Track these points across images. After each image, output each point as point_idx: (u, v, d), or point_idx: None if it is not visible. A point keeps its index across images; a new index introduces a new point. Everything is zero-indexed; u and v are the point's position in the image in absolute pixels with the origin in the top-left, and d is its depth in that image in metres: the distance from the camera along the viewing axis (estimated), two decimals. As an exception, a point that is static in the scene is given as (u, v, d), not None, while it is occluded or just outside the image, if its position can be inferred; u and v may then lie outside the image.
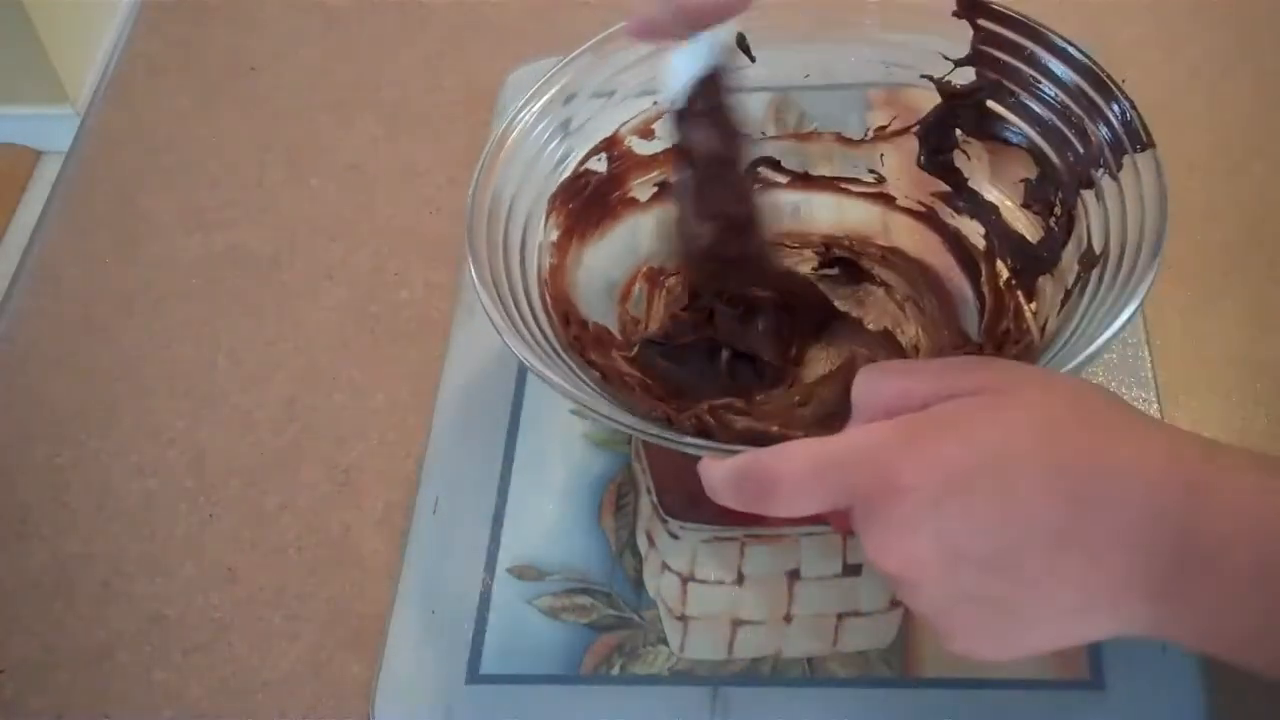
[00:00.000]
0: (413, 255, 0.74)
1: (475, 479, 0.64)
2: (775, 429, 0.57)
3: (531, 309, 0.58)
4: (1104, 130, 0.57)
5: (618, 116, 0.65)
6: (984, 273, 0.63)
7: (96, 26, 1.78)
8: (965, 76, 0.62)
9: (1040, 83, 0.60)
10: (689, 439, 0.51)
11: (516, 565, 0.61)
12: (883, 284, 0.66)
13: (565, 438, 0.64)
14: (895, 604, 0.58)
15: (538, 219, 0.62)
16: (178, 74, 0.86)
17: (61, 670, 0.61)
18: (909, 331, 0.63)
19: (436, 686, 0.58)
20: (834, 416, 0.57)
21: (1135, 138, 0.56)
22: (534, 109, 0.62)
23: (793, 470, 0.42)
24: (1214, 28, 0.79)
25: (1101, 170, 0.57)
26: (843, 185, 0.68)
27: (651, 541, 0.61)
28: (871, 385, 0.43)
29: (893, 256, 0.66)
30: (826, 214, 0.68)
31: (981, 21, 0.61)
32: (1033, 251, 0.61)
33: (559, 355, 0.57)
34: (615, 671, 0.57)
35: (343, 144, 0.81)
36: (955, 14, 0.61)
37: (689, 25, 0.51)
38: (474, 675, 0.58)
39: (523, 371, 0.67)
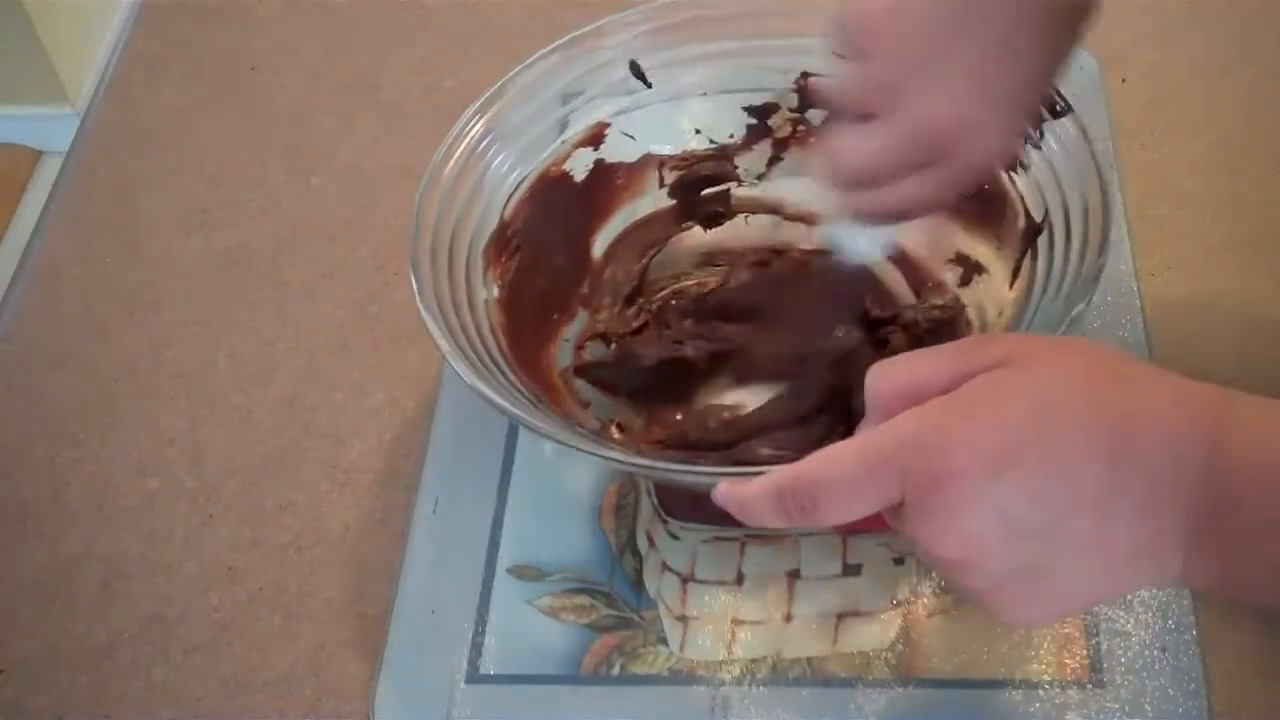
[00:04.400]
0: (413, 255, 0.74)
1: (475, 479, 0.64)
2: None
3: (498, 367, 0.58)
4: None
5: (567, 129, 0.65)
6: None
7: (96, 26, 1.78)
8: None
9: None
10: (638, 461, 0.52)
11: (516, 565, 0.61)
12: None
13: (565, 438, 0.64)
14: (895, 604, 0.58)
15: (478, 273, 0.61)
16: (178, 74, 0.86)
17: (61, 670, 0.61)
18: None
19: (436, 686, 0.58)
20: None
21: (1050, 105, 0.56)
22: (477, 125, 0.62)
23: (842, 473, 0.41)
24: (1214, 28, 0.79)
25: (1024, 143, 0.57)
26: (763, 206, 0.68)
27: (651, 541, 0.61)
28: (886, 378, 0.43)
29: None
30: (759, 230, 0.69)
31: None
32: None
33: (505, 376, 0.57)
34: (615, 671, 0.57)
35: (343, 144, 0.81)
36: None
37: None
38: (474, 675, 0.58)
39: (523, 371, 0.67)
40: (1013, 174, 0.58)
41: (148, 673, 0.61)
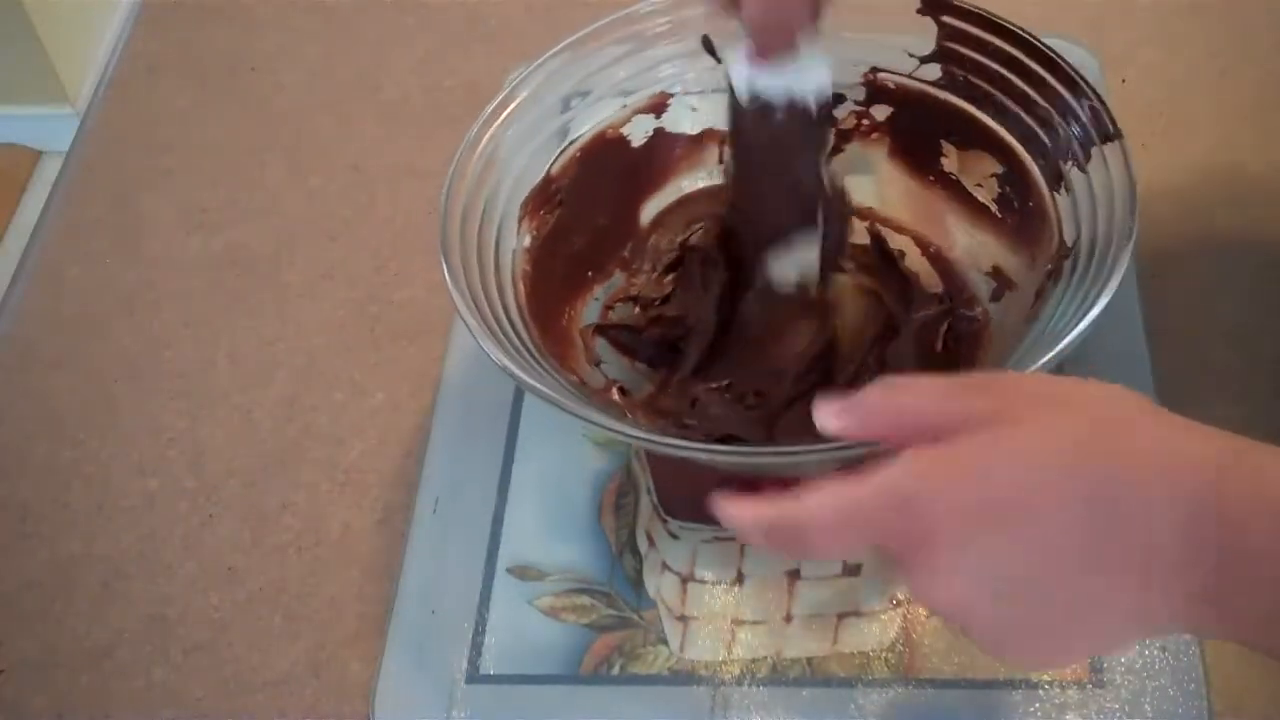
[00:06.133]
0: (413, 255, 0.74)
1: (475, 479, 0.64)
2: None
3: (508, 314, 0.58)
4: (1072, 124, 0.57)
5: (594, 115, 0.65)
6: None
7: (96, 26, 1.78)
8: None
9: (1007, 78, 0.60)
10: (671, 440, 0.52)
11: (516, 565, 0.61)
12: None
13: (565, 438, 0.64)
14: (895, 604, 0.58)
15: (512, 221, 0.62)
16: (178, 74, 0.86)
17: (61, 670, 0.61)
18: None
19: (436, 686, 0.58)
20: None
21: (1103, 130, 0.56)
22: (509, 109, 0.62)
23: (819, 520, 0.42)
24: (1214, 28, 0.79)
25: (1070, 164, 0.57)
26: None
27: (651, 541, 0.61)
28: (887, 395, 0.43)
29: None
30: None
31: (945, 18, 0.61)
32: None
33: (538, 361, 0.57)
34: (615, 671, 0.58)
35: (343, 144, 0.81)
36: (920, 11, 0.61)
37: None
38: (474, 675, 0.58)
39: (523, 371, 0.67)
40: (1056, 194, 0.58)
41: (148, 673, 0.61)
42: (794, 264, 0.59)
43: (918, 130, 0.65)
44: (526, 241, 0.63)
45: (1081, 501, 0.39)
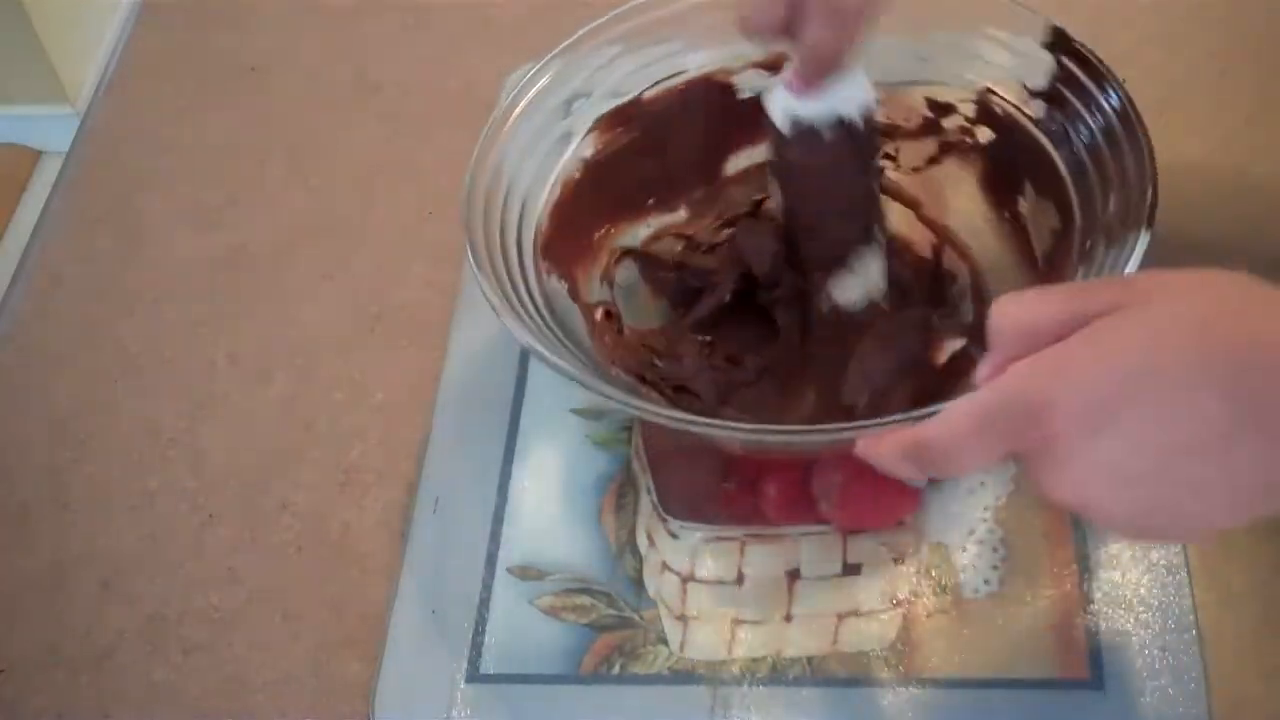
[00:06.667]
0: (413, 255, 0.74)
1: (475, 479, 0.64)
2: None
3: (529, 289, 0.59)
4: (1126, 214, 0.55)
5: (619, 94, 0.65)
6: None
7: (96, 26, 1.78)
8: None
9: (1098, 145, 0.58)
10: (692, 417, 0.52)
11: (516, 565, 0.61)
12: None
13: (565, 437, 0.64)
14: (895, 604, 0.58)
15: (536, 199, 0.62)
16: (178, 74, 0.86)
17: (61, 670, 0.61)
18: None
19: (436, 686, 0.58)
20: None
21: (1143, 221, 0.53)
22: (532, 91, 0.62)
23: (955, 433, 0.43)
24: (1214, 28, 0.79)
25: (1102, 244, 0.55)
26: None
27: (651, 541, 0.61)
28: (1006, 315, 0.44)
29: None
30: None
31: (1066, 59, 0.59)
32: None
33: (559, 339, 0.57)
34: (615, 671, 0.58)
35: (343, 144, 0.81)
36: (1045, 45, 0.59)
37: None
38: (474, 675, 0.58)
39: (523, 371, 0.67)
40: (1080, 267, 0.57)
41: (148, 673, 0.61)
42: (858, 283, 0.59)
43: (1010, 163, 0.63)
44: (588, 152, 0.64)
45: (1219, 365, 0.39)
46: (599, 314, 0.64)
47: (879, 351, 0.61)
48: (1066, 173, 0.60)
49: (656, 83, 0.65)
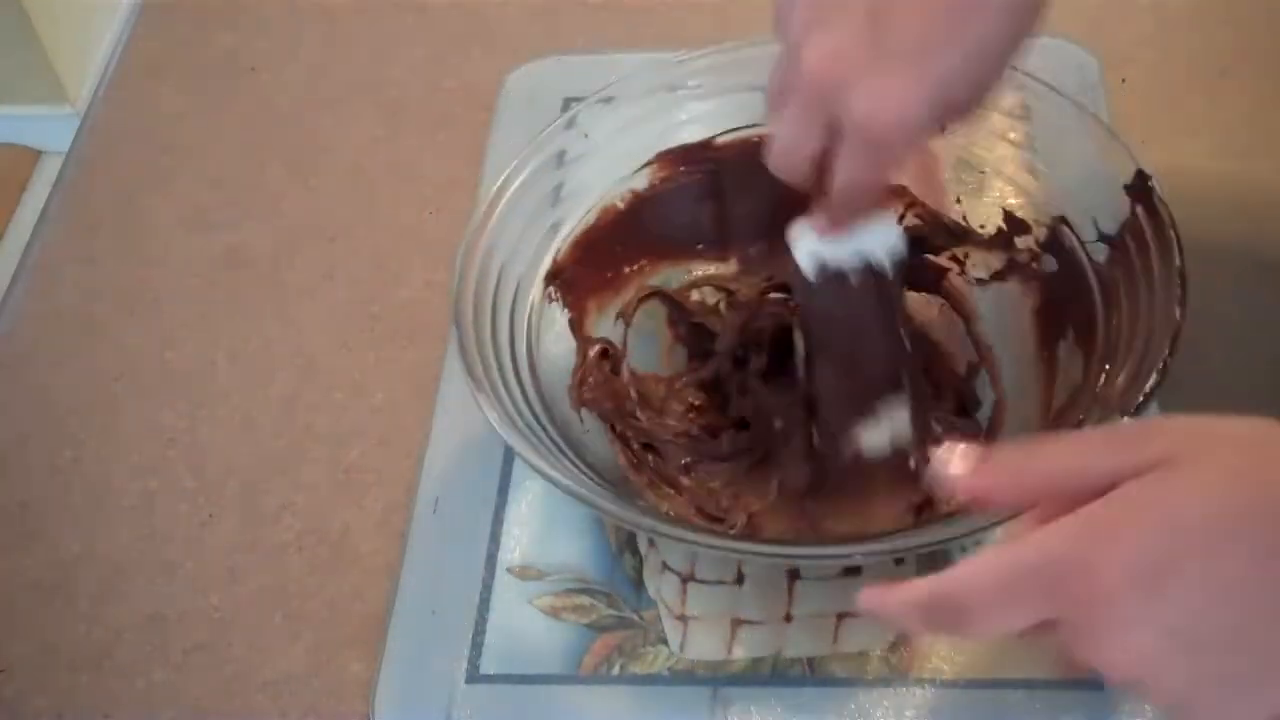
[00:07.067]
0: (413, 255, 0.74)
1: (475, 479, 0.64)
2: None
3: (524, 392, 0.57)
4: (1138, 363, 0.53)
5: (611, 175, 0.64)
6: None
7: (96, 26, 1.78)
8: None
9: (1137, 305, 0.55)
10: (684, 532, 0.52)
11: (516, 565, 0.61)
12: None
13: (565, 438, 0.64)
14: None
15: (526, 290, 0.61)
16: (178, 74, 0.87)
17: (61, 670, 0.61)
18: None
19: (436, 686, 0.58)
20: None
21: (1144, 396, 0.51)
22: (523, 174, 0.61)
23: (985, 589, 0.39)
24: (1214, 28, 0.79)
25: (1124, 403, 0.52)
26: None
27: (651, 541, 0.61)
28: (1040, 459, 0.41)
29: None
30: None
31: (1140, 208, 0.56)
32: None
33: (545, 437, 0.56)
34: (615, 671, 0.58)
35: (343, 144, 0.81)
36: (1126, 188, 0.56)
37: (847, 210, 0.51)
38: (474, 675, 0.58)
39: (523, 371, 0.67)
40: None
41: (148, 673, 0.61)
42: (885, 432, 0.56)
43: (1064, 301, 0.60)
44: (641, 184, 0.64)
45: (1265, 539, 0.36)
46: (594, 351, 0.62)
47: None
48: (1103, 333, 0.56)
49: (729, 130, 0.63)
